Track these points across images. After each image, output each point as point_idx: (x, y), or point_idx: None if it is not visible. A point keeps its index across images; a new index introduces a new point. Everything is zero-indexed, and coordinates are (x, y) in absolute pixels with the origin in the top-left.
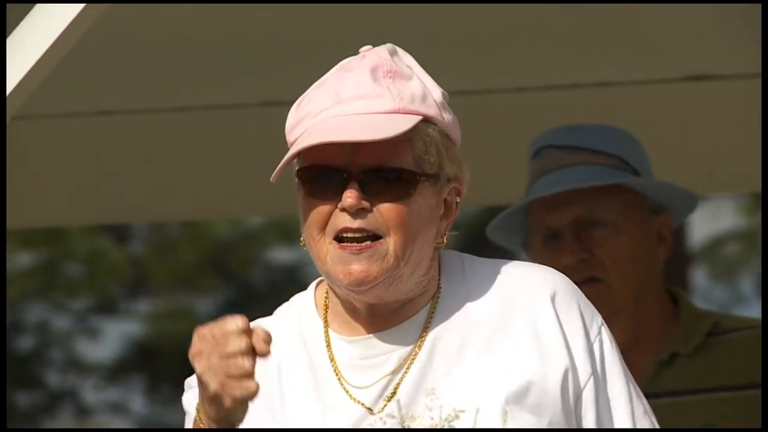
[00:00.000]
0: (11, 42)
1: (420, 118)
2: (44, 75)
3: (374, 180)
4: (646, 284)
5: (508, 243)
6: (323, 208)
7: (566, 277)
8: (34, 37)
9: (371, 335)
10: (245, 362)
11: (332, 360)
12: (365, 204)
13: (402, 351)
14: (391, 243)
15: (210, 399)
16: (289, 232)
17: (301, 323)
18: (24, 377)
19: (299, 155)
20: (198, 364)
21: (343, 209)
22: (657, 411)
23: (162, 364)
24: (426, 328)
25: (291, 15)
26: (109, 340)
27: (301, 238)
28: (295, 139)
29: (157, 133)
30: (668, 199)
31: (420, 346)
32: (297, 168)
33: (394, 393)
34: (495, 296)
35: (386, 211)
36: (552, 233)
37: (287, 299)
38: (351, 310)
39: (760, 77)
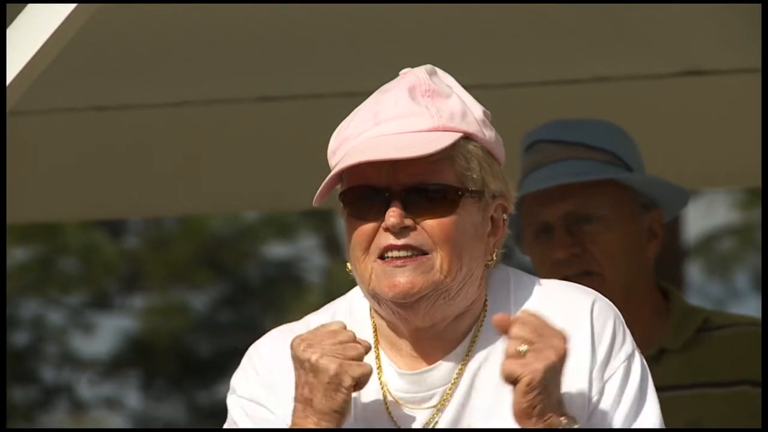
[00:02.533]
0: (7, 38)
1: (460, 135)
2: (40, 71)
3: (417, 198)
4: (637, 279)
5: None
6: (367, 228)
7: (608, 302)
8: (30, 32)
9: (418, 372)
10: (358, 345)
11: (382, 384)
12: (408, 222)
13: (446, 386)
14: (437, 258)
15: (327, 386)
16: (285, 228)
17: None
18: (19, 372)
19: (342, 179)
20: (312, 353)
21: (387, 228)
22: None
23: (157, 359)
24: (466, 360)
25: (289, 10)
26: (104, 335)
27: (348, 264)
28: (337, 163)
29: (152, 128)
30: (660, 194)
31: (457, 383)
32: (340, 191)
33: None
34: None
35: (430, 227)
36: (544, 227)
37: (282, 294)
38: (397, 335)
39: (756, 72)
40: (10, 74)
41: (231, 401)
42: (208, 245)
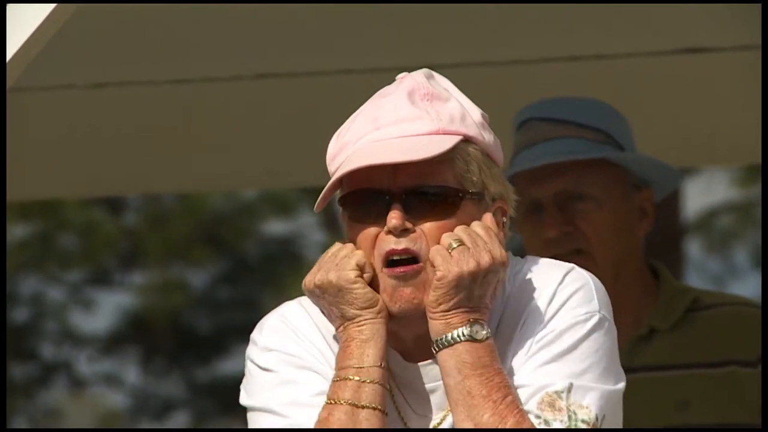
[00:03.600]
0: (7, 15)
1: (460, 138)
2: (39, 48)
3: (417, 200)
4: (626, 258)
5: None
6: (369, 232)
7: (584, 274)
8: (29, 9)
9: (424, 363)
10: (347, 245)
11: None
12: (409, 225)
13: None
14: None
15: (339, 293)
16: (283, 205)
17: None
18: (18, 349)
19: (342, 183)
20: (315, 279)
21: (389, 231)
22: (633, 385)
23: (156, 335)
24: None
25: None
26: (104, 311)
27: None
28: (337, 168)
29: (151, 105)
30: (651, 174)
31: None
32: (340, 195)
33: (441, 422)
34: (525, 313)
35: (429, 230)
36: (535, 205)
37: (281, 271)
38: (400, 327)
39: (755, 49)
40: (10, 51)
41: (268, 359)
42: (208, 222)
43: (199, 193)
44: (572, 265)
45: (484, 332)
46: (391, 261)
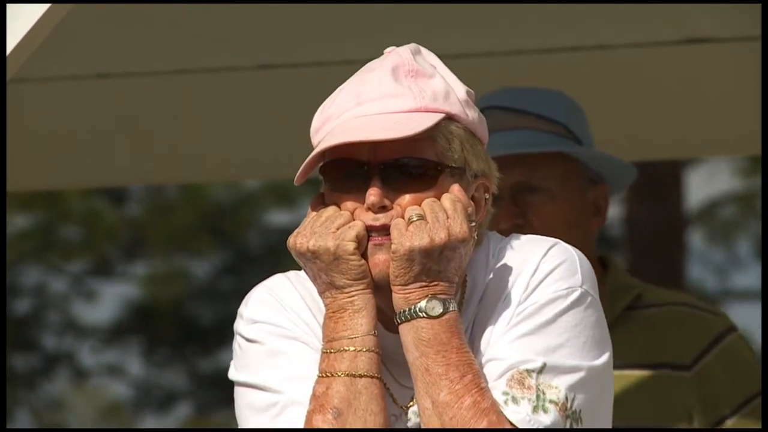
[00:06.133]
0: (10, 5)
1: (442, 115)
2: (42, 38)
3: (396, 174)
4: None
5: None
6: (350, 206)
7: (568, 248)
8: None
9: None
10: (342, 212)
11: None
12: (387, 202)
13: None
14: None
15: (335, 261)
16: (286, 196)
17: None
18: (20, 340)
19: (324, 156)
20: (306, 241)
21: (368, 208)
22: None
23: (159, 326)
24: None
25: None
26: (106, 302)
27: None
28: (319, 142)
29: (154, 96)
30: (607, 170)
31: None
32: (321, 166)
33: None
34: (507, 286)
35: (407, 203)
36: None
37: (283, 262)
38: (378, 307)
39: (755, 40)
40: (12, 41)
41: (255, 331)
42: (210, 213)
43: (201, 183)
44: (557, 240)
45: (441, 309)
46: (370, 233)
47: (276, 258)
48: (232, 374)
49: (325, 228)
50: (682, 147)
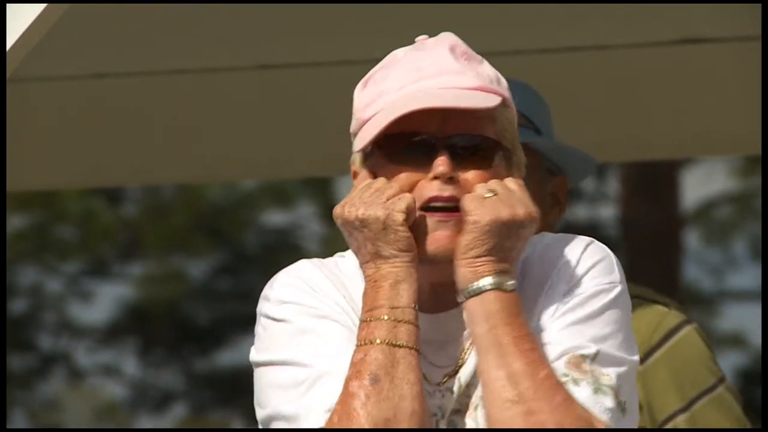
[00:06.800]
0: (7, 5)
1: (501, 98)
2: (38, 38)
3: (462, 150)
4: None
5: None
6: (411, 177)
7: (603, 246)
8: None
9: (438, 314)
10: (392, 184)
11: None
12: (455, 173)
13: (466, 334)
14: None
15: (383, 232)
16: (283, 196)
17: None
18: (16, 340)
19: (368, 128)
20: (355, 210)
21: (435, 177)
22: None
23: (155, 326)
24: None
25: None
26: (102, 302)
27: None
28: (374, 114)
29: (151, 96)
30: (566, 161)
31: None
32: (372, 140)
33: (456, 372)
34: (549, 279)
35: (471, 180)
36: None
37: (280, 262)
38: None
39: (753, 40)
40: (9, 41)
41: (283, 311)
42: (207, 213)
43: (199, 184)
44: (591, 238)
45: (511, 283)
46: (431, 207)
47: (273, 258)
48: (254, 356)
49: (375, 198)
50: (678, 147)
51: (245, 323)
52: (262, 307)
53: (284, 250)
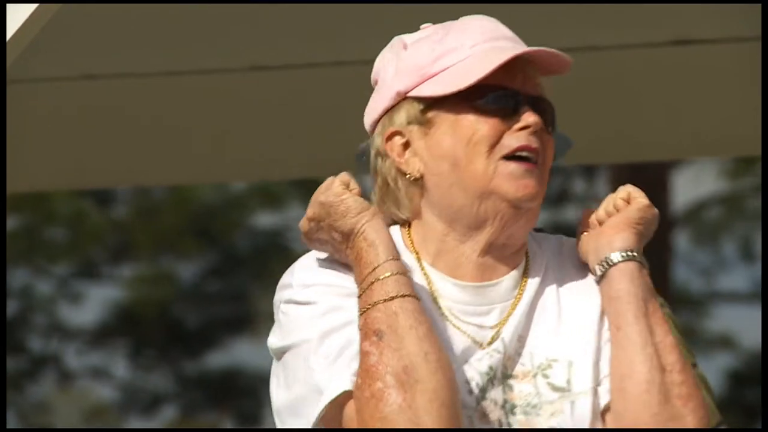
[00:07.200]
0: None
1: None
2: (28, 39)
3: (536, 109)
4: None
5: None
6: (498, 127)
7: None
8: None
9: (481, 284)
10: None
11: (435, 295)
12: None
13: (507, 303)
14: (544, 172)
15: (333, 211)
16: (273, 198)
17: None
18: (7, 342)
19: (449, 77)
20: (308, 218)
21: (524, 128)
22: None
23: (145, 328)
24: (524, 280)
25: None
26: (92, 304)
27: (417, 170)
28: (451, 65)
29: (141, 97)
30: None
31: (518, 301)
32: (460, 87)
33: (499, 334)
34: (568, 259)
35: (543, 139)
36: None
37: (270, 264)
38: (459, 253)
39: (744, 42)
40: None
41: (308, 293)
42: (197, 215)
43: (189, 185)
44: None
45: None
46: (518, 156)
47: (263, 260)
48: (276, 342)
49: (314, 195)
50: (670, 147)
51: (235, 325)
52: (284, 294)
53: (274, 252)
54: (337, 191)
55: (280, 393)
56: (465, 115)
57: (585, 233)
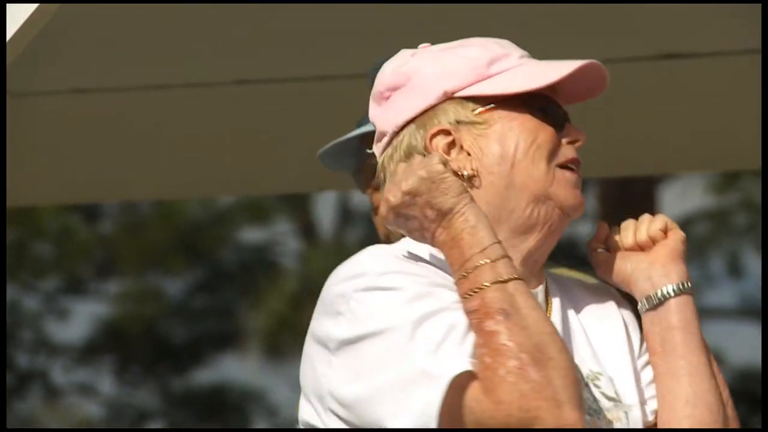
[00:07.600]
0: None
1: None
2: (17, 53)
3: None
4: None
5: (340, 167)
6: (555, 135)
7: None
8: (7, 14)
9: None
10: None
11: None
12: None
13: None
14: None
15: (432, 186)
16: (260, 212)
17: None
18: None
19: (512, 78)
20: (400, 187)
21: (575, 141)
22: None
23: (131, 345)
24: (549, 300)
25: None
26: (79, 320)
27: (470, 168)
28: (505, 70)
29: (129, 111)
30: None
31: (549, 311)
32: (530, 87)
33: None
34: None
35: None
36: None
37: (257, 279)
38: None
39: (734, 55)
40: None
41: (390, 279)
42: (184, 230)
43: (176, 200)
44: None
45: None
46: (571, 167)
47: (251, 276)
48: (347, 332)
49: (406, 172)
50: (656, 162)
51: (222, 341)
52: (357, 282)
53: (261, 268)
54: (439, 168)
55: (349, 386)
56: (528, 119)
57: (615, 253)
